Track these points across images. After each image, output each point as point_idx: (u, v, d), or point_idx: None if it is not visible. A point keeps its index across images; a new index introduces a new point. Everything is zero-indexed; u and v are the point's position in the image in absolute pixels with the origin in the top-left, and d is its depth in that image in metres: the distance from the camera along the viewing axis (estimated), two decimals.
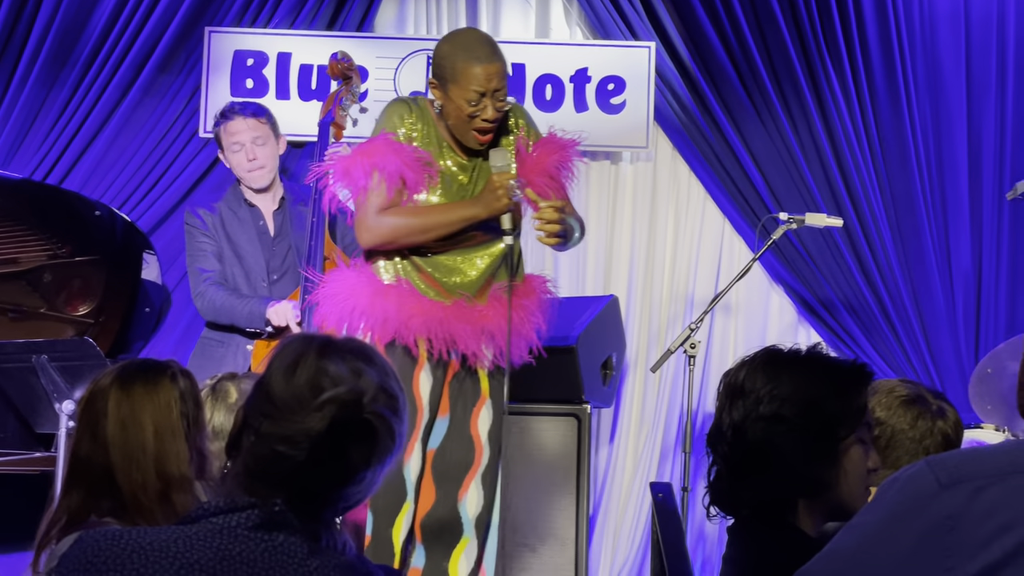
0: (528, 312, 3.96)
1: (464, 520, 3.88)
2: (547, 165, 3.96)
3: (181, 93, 6.13)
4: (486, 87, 3.79)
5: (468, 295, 3.90)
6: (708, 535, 5.98)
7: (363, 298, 3.87)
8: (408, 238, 3.86)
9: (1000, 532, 1.39)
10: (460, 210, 3.87)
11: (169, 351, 5.78)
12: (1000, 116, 6.18)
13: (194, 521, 1.77)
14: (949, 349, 6.07)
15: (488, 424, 3.96)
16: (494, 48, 3.90)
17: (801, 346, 2.36)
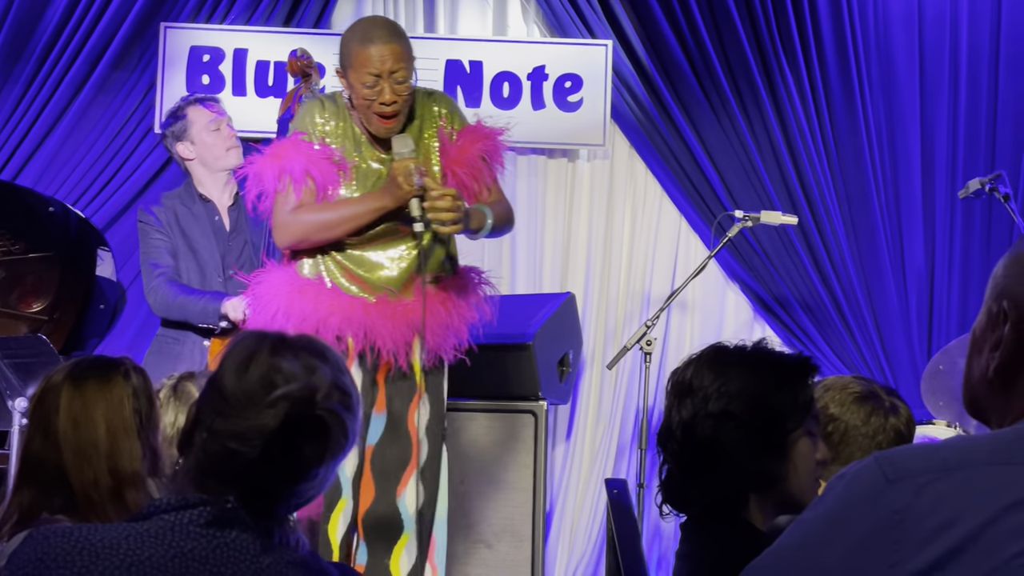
0: (458, 306, 3.92)
1: (404, 516, 3.84)
2: (471, 154, 3.92)
3: (136, 89, 6.09)
4: (380, 68, 3.76)
5: (393, 290, 3.86)
6: (664, 531, 6.00)
7: (283, 297, 3.86)
8: (320, 234, 3.84)
9: (945, 527, 1.40)
10: (368, 202, 3.83)
11: (124, 348, 5.74)
12: (953, 115, 6.24)
13: (146, 518, 1.77)
14: (902, 346, 6.12)
15: (425, 419, 3.91)
16: (392, 31, 3.88)
17: (746, 342, 2.38)
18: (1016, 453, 1.44)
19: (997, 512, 1.39)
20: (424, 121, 3.95)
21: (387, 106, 3.79)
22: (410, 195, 3.71)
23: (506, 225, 4.01)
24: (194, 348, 4.77)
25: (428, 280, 3.89)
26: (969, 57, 6.25)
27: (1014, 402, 1.53)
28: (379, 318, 3.82)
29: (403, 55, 3.81)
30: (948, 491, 1.42)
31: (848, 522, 1.46)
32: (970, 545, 1.39)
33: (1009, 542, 1.38)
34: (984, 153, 6.22)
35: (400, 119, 3.85)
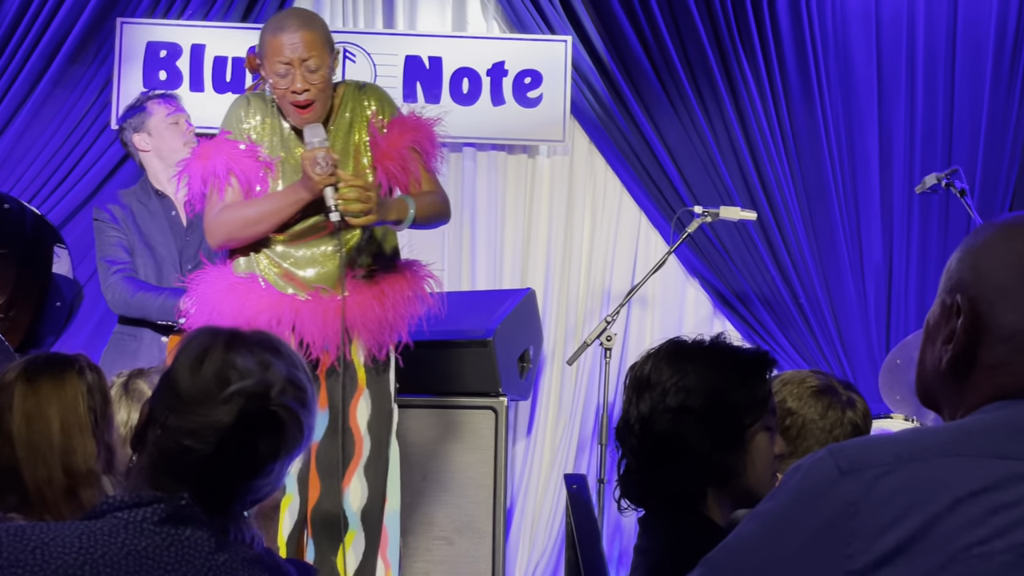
0: (396, 302, 3.88)
1: (348, 513, 3.82)
2: (400, 146, 3.88)
3: (92, 85, 6.05)
4: (291, 57, 3.74)
5: (325, 287, 3.84)
6: (625, 526, 6.01)
7: (215, 296, 3.85)
8: (244, 232, 3.83)
9: (899, 519, 1.41)
10: (287, 195, 3.80)
11: (81, 346, 5.70)
12: (910, 112, 6.28)
13: (99, 516, 1.75)
14: (861, 340, 6.16)
15: (367, 415, 3.88)
16: (305, 19, 3.86)
17: (704, 336, 2.38)
18: (968, 445, 1.45)
19: (950, 504, 1.40)
20: (355, 115, 3.92)
21: (299, 95, 3.77)
22: (322, 184, 3.67)
23: (438, 217, 3.96)
24: (152, 345, 4.74)
25: (362, 275, 3.86)
26: (926, 55, 6.30)
27: (967, 394, 1.54)
28: (310, 315, 3.78)
29: (315, 43, 3.77)
30: (901, 483, 1.43)
31: (803, 514, 1.47)
32: (923, 536, 1.40)
33: (962, 533, 1.39)
34: (941, 149, 6.27)
35: (317, 108, 3.82)
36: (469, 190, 6.24)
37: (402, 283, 3.92)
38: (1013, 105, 6.28)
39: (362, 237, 3.88)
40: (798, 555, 1.46)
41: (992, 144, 6.26)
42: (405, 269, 3.98)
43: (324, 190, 3.68)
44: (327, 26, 3.93)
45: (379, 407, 3.90)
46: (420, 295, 3.95)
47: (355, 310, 3.82)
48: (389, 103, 3.97)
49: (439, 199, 3.94)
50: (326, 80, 3.81)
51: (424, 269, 4.03)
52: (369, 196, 3.66)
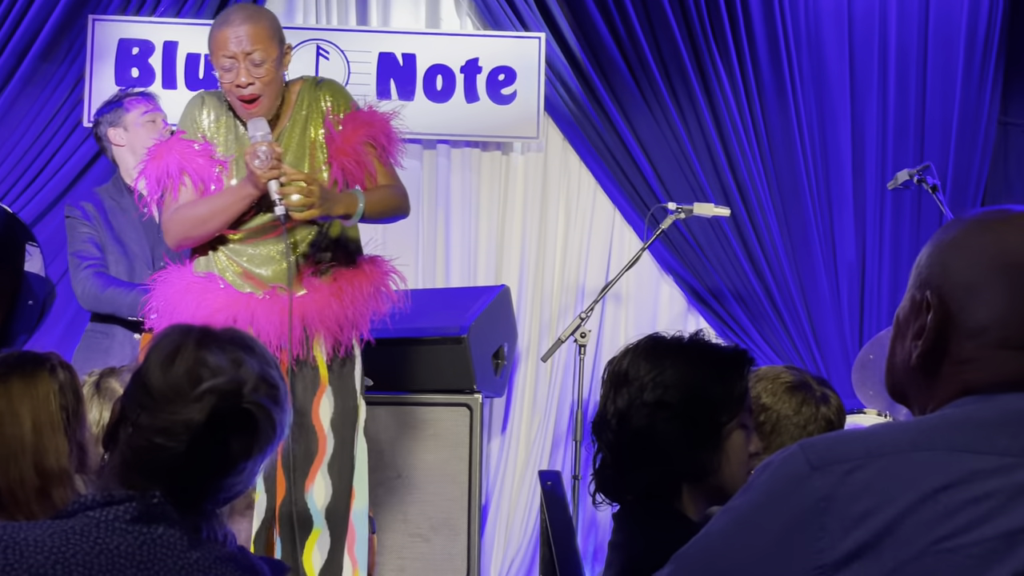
0: (356, 299, 3.84)
1: (312, 511, 3.78)
2: (355, 141, 3.84)
3: (64, 82, 6.02)
4: (234, 51, 3.72)
5: (282, 285, 3.80)
6: (600, 522, 6.02)
7: (173, 295, 3.83)
8: (197, 231, 3.81)
9: (869, 513, 1.42)
10: (235, 191, 3.77)
11: (54, 344, 5.67)
12: (882, 108, 6.31)
13: (71, 515, 1.74)
14: (834, 336, 6.18)
15: (330, 413, 3.84)
16: (250, 14, 3.83)
17: (683, 333, 2.39)
18: (938, 440, 1.46)
19: (919, 498, 1.41)
20: (311, 111, 3.89)
21: (243, 89, 3.74)
22: (265, 179, 3.63)
23: (394, 211, 3.91)
24: (124, 342, 4.72)
25: (320, 272, 3.83)
26: (898, 51, 6.33)
27: (936, 389, 1.55)
28: (265, 313, 3.75)
29: (260, 36, 3.74)
30: (871, 478, 1.43)
31: (774, 509, 1.47)
32: (893, 531, 1.41)
33: (931, 528, 1.40)
34: (913, 145, 6.30)
35: (264, 103, 3.79)
36: (443, 187, 6.23)
37: (362, 280, 3.88)
38: (984, 101, 6.32)
39: (319, 234, 3.85)
40: (769, 550, 1.47)
41: (963, 140, 6.30)
42: (366, 265, 3.94)
43: (268, 184, 3.64)
44: (276, 20, 3.89)
45: (342, 404, 3.86)
46: (382, 291, 3.92)
47: (313, 308, 3.78)
48: (345, 98, 3.93)
49: (395, 192, 3.90)
50: (273, 74, 3.78)
51: (387, 265, 3.99)
52: (311, 190, 3.60)
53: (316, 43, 6.10)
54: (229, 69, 3.74)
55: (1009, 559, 1.39)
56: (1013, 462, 1.43)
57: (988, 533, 1.39)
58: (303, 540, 3.77)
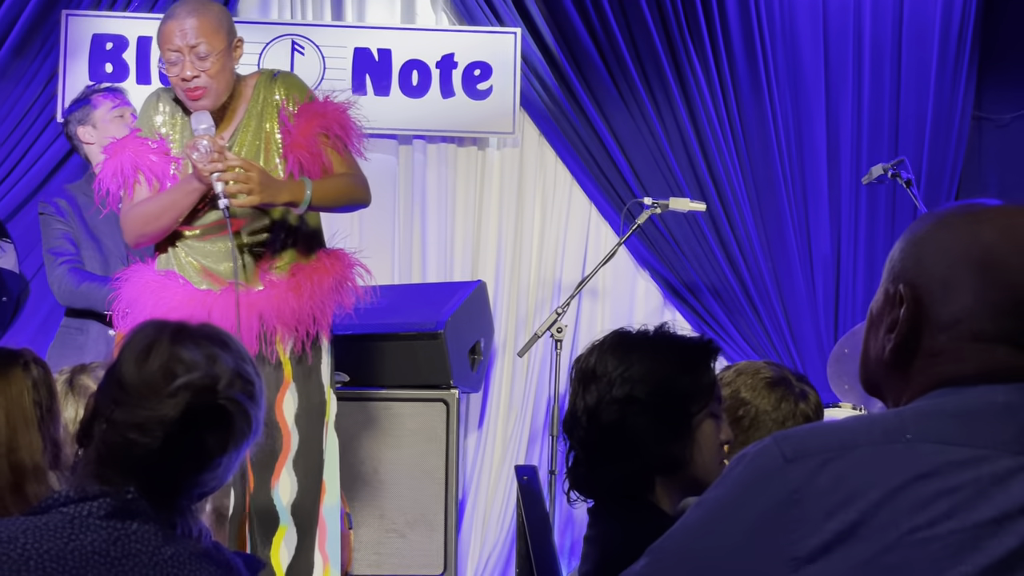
0: (315, 294, 3.80)
1: (278, 508, 3.74)
2: (310, 134, 3.79)
3: (38, 78, 5.98)
4: (179, 44, 3.69)
5: (240, 282, 3.76)
6: (576, 517, 6.03)
7: (133, 293, 3.81)
8: (150, 227, 3.78)
9: (842, 505, 1.42)
10: (181, 185, 3.73)
11: (28, 340, 5.64)
12: (857, 103, 6.33)
13: (44, 511, 1.74)
14: (809, 330, 6.20)
15: (294, 409, 3.80)
16: (196, 7, 3.77)
17: (648, 327, 2.39)
18: (911, 432, 1.47)
19: (892, 490, 1.42)
20: (266, 104, 3.85)
21: (188, 82, 3.70)
22: (206, 172, 3.59)
23: (349, 199, 3.86)
24: (99, 338, 4.70)
25: (278, 267, 3.80)
26: (872, 46, 6.35)
27: (909, 382, 1.56)
28: (221, 311, 3.71)
29: (205, 29, 3.71)
30: (845, 470, 1.44)
31: (748, 501, 1.48)
32: (866, 522, 1.41)
33: (903, 519, 1.41)
34: (887, 140, 6.33)
35: (211, 96, 3.75)
36: (419, 183, 6.23)
37: (322, 275, 3.84)
38: (958, 96, 6.35)
39: (276, 229, 3.81)
40: (744, 542, 1.47)
41: (938, 135, 6.33)
42: (326, 260, 3.89)
43: (212, 177, 3.60)
44: (225, 13, 3.86)
45: (307, 400, 3.83)
46: (344, 286, 3.88)
47: (269, 304, 3.75)
48: (300, 90, 3.88)
49: (351, 181, 3.85)
50: (220, 67, 3.73)
51: (349, 259, 3.94)
52: (249, 176, 3.56)
53: (291, 39, 6.08)
54: (175, 63, 3.71)
55: (982, 549, 1.40)
56: (986, 454, 1.44)
57: (961, 523, 1.40)
58: (269, 537, 3.74)
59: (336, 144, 3.83)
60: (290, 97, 3.84)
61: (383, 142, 6.21)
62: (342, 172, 3.83)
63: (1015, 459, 1.44)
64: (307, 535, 3.78)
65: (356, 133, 3.89)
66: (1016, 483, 1.42)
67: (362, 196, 3.90)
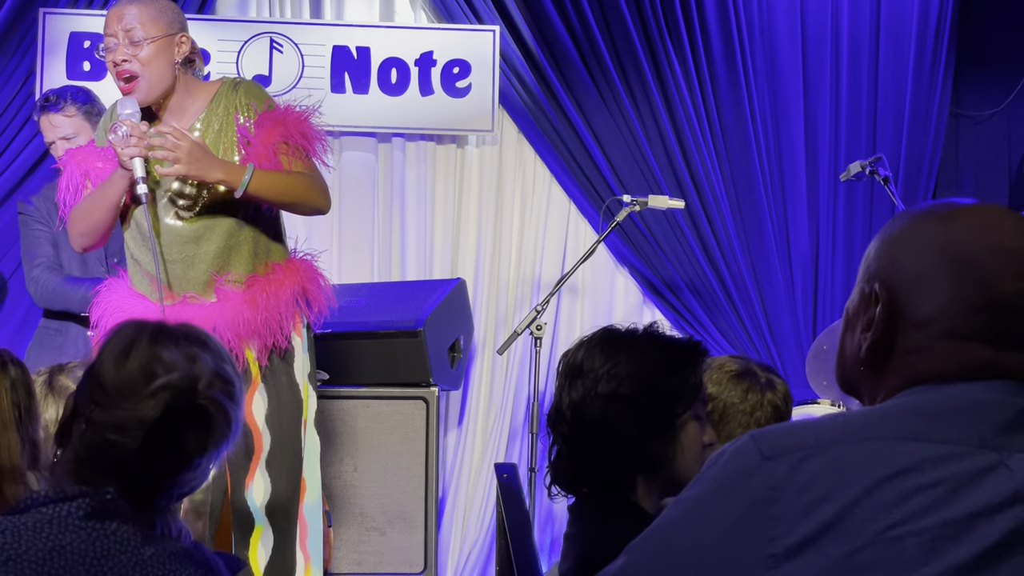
0: (270, 305, 3.72)
1: (252, 508, 3.70)
2: (269, 144, 3.71)
3: (15, 76, 5.95)
4: (115, 28, 3.65)
5: (193, 293, 3.73)
6: (556, 515, 6.04)
7: (100, 302, 3.79)
8: (83, 223, 3.72)
9: (820, 502, 1.43)
10: (110, 177, 3.68)
11: (5, 340, 5.62)
12: (835, 100, 6.35)
13: (23, 512, 1.74)
14: (788, 327, 6.22)
15: (264, 410, 3.74)
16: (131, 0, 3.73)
17: (638, 325, 2.40)
18: (887, 428, 1.48)
19: (868, 486, 1.43)
20: (227, 113, 3.78)
21: (117, 66, 3.65)
22: (126, 156, 3.54)
23: (298, 198, 3.73)
24: (77, 339, 4.69)
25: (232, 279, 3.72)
26: (850, 43, 6.37)
27: (885, 380, 1.57)
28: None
29: (143, 16, 3.66)
30: (822, 467, 1.45)
31: (726, 499, 1.49)
32: (843, 519, 1.42)
33: (880, 515, 1.42)
34: (865, 137, 6.35)
35: (143, 86, 3.67)
36: (398, 180, 6.22)
37: (278, 287, 3.75)
38: (935, 92, 6.38)
39: (229, 240, 3.74)
40: (721, 539, 1.48)
41: (915, 131, 6.35)
42: (283, 271, 3.80)
43: (132, 162, 3.55)
44: (173, 8, 3.79)
45: (278, 400, 3.77)
46: (304, 295, 3.80)
47: (224, 316, 3.68)
48: (260, 99, 3.79)
49: (305, 181, 3.73)
50: (152, 56, 3.67)
51: (310, 268, 3.86)
52: (178, 145, 3.50)
53: (269, 36, 6.07)
54: (111, 49, 3.66)
55: (958, 546, 1.41)
56: (961, 450, 1.45)
57: (937, 520, 1.41)
58: (247, 537, 3.72)
59: (297, 152, 3.74)
60: (249, 108, 3.77)
61: (362, 140, 6.21)
62: (299, 171, 3.74)
63: (990, 456, 1.45)
64: (284, 535, 3.75)
65: (318, 141, 3.80)
66: (991, 480, 1.43)
67: (314, 199, 3.77)
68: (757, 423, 2.84)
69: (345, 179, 6.20)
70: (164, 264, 3.73)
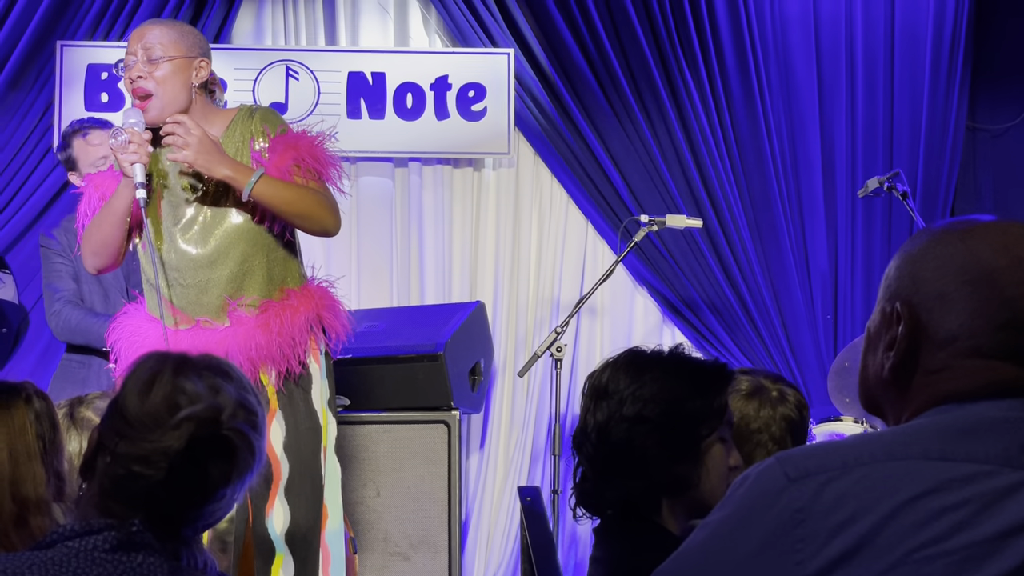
0: (284, 331, 3.69)
1: (272, 537, 3.67)
2: (282, 167, 3.70)
3: (34, 109, 6.00)
4: (135, 47, 3.67)
5: (207, 318, 3.71)
6: (580, 537, 6.03)
7: (117, 338, 3.78)
8: (94, 238, 3.71)
9: (846, 524, 1.43)
10: (115, 191, 3.68)
11: (28, 372, 5.64)
12: (851, 115, 6.34)
13: (50, 545, 1.74)
14: (809, 345, 6.20)
15: (282, 437, 3.71)
16: (163, 20, 3.82)
17: (663, 347, 2.39)
18: (913, 448, 1.47)
19: (895, 507, 1.42)
20: (244, 139, 3.78)
21: (133, 82, 3.67)
22: (126, 161, 3.56)
23: (305, 213, 3.68)
24: (100, 372, 4.69)
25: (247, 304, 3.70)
26: (865, 58, 6.37)
27: (909, 399, 1.56)
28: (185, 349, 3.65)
29: (164, 37, 3.68)
30: (848, 488, 1.45)
31: (752, 522, 1.48)
32: (871, 540, 1.42)
33: (908, 536, 1.41)
34: (882, 152, 6.34)
35: (156, 104, 3.67)
36: (416, 205, 6.24)
37: (292, 312, 3.72)
38: (952, 106, 6.36)
39: (245, 264, 3.72)
40: (748, 562, 1.48)
41: (932, 146, 6.34)
42: (297, 297, 3.77)
43: (132, 168, 3.56)
44: (195, 34, 3.81)
45: (295, 427, 3.74)
46: (319, 322, 3.78)
47: (236, 341, 3.66)
48: (274, 125, 3.79)
49: (315, 197, 3.70)
50: (170, 76, 3.68)
51: (326, 295, 3.83)
52: (190, 132, 3.53)
53: (285, 64, 6.10)
54: (129, 66, 3.68)
55: (986, 566, 1.40)
56: (987, 469, 1.44)
57: (964, 540, 1.40)
58: (268, 566, 3.70)
59: (309, 174, 3.73)
60: (263, 134, 3.76)
61: (379, 165, 6.23)
62: (314, 189, 3.73)
63: (1017, 474, 1.44)
64: (305, 563, 3.73)
65: (332, 165, 3.79)
66: (1018, 499, 1.42)
67: (323, 215, 3.72)
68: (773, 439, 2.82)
69: (363, 204, 6.22)
70: (178, 289, 3.73)
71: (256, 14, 6.30)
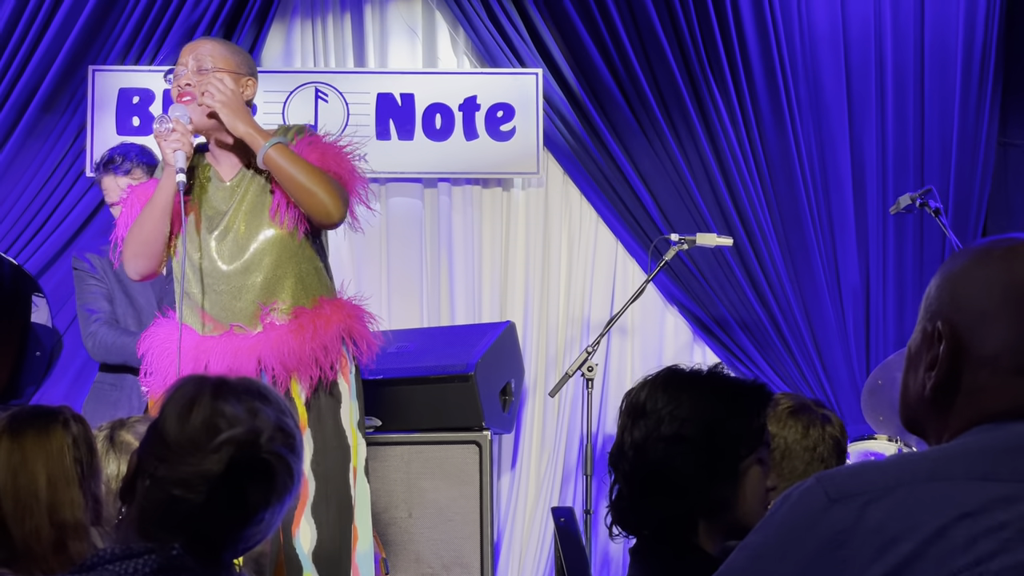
0: (316, 336, 3.71)
1: (300, 556, 3.67)
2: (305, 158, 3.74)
3: (67, 133, 6.05)
4: (186, 59, 3.75)
5: (239, 324, 3.73)
6: (613, 558, 6.01)
7: (148, 347, 3.81)
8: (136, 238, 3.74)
9: (889, 545, 1.42)
10: (157, 188, 3.73)
11: (62, 394, 5.67)
12: (881, 132, 6.33)
13: (89, 569, 1.75)
14: (841, 363, 6.18)
15: (310, 455, 3.70)
16: (216, 38, 3.94)
17: (702, 366, 2.38)
18: (956, 468, 1.46)
19: (939, 528, 1.41)
20: None
21: (181, 88, 3.73)
22: (169, 148, 3.62)
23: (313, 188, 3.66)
24: (132, 392, 4.72)
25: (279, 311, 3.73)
26: (895, 75, 6.35)
27: (951, 419, 1.55)
28: (224, 356, 3.66)
29: (215, 51, 3.77)
30: (891, 509, 1.43)
31: (793, 544, 1.47)
32: (914, 562, 1.40)
33: (952, 557, 1.40)
34: (913, 169, 6.32)
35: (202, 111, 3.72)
36: (445, 225, 6.25)
37: (323, 321, 3.74)
38: (983, 122, 6.34)
39: (274, 274, 3.75)
40: None
41: (963, 162, 6.31)
42: (329, 307, 3.80)
43: (175, 155, 3.63)
44: (245, 54, 3.90)
45: (324, 445, 3.74)
46: (350, 334, 3.79)
47: (269, 346, 3.68)
48: (301, 130, 3.85)
49: (326, 177, 3.70)
50: (224, 86, 3.72)
51: (356, 309, 3.85)
52: (226, 87, 3.67)
53: (315, 86, 6.12)
54: (179, 75, 3.75)
55: None
56: None
57: (1009, 561, 1.39)
58: None
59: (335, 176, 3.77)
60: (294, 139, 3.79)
61: (408, 186, 6.25)
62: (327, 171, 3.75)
63: None
64: None
65: (353, 173, 3.82)
66: None
67: (328, 197, 3.69)
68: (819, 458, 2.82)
69: (392, 225, 6.24)
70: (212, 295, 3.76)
71: (285, 37, 6.33)
